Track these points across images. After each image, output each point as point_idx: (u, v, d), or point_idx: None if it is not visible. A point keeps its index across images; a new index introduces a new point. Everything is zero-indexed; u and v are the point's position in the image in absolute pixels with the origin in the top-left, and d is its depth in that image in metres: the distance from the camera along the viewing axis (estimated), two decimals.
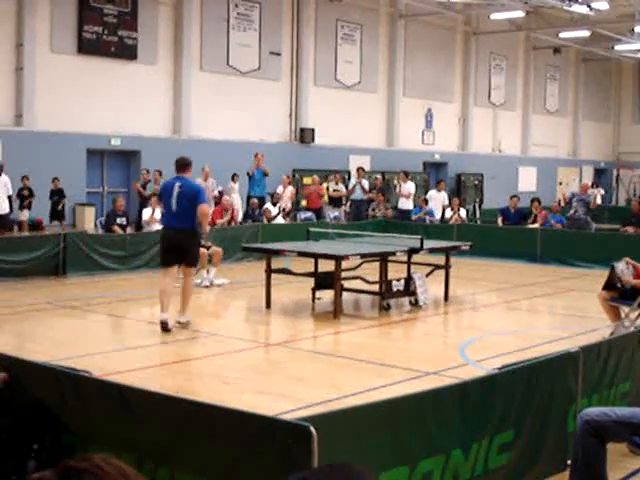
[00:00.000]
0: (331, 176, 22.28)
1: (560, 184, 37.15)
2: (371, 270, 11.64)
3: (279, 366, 8.04)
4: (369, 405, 4.04)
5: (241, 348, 8.91)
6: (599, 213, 24.54)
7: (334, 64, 27.55)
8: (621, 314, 9.06)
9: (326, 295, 11.14)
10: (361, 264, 11.71)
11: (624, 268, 8.75)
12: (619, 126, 41.41)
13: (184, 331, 9.49)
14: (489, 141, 34.15)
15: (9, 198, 17.24)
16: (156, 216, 15.93)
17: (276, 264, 11.62)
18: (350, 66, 28.06)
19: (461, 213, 20.70)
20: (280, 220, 19.08)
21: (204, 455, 3.82)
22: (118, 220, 15.58)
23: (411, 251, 11.32)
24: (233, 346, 8.89)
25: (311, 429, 3.40)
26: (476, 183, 32.17)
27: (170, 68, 23.33)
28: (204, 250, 12.36)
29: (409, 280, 11.24)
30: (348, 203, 21.46)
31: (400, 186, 21.17)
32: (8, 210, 17.11)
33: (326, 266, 10.90)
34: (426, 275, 11.64)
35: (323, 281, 11.02)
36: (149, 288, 12.48)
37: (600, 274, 10.60)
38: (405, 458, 3.95)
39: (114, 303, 11.56)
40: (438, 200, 21.15)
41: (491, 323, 10.88)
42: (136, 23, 22.21)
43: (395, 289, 11.12)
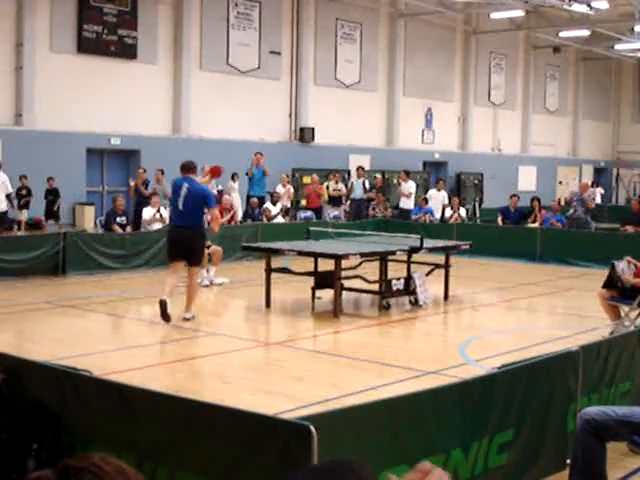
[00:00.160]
0: (331, 175, 22.27)
1: (560, 183, 37.13)
2: (371, 269, 11.64)
3: (279, 365, 8.03)
4: (369, 404, 4.04)
5: (241, 347, 8.91)
6: (599, 212, 24.54)
7: (334, 63, 27.54)
8: (621, 313, 9.06)
9: (326, 294, 11.13)
10: (361, 263, 11.72)
11: (624, 267, 8.75)
12: (619, 125, 41.39)
13: (184, 330, 9.50)
14: (489, 140, 34.13)
15: (8, 197, 17.23)
16: (157, 215, 15.94)
17: (276, 263, 11.62)
18: (350, 65, 28.05)
19: (461, 212, 20.70)
20: (280, 219, 19.09)
21: (204, 455, 3.82)
22: (118, 219, 15.59)
23: (411, 250, 11.32)
24: (233, 345, 8.89)
25: (311, 428, 3.40)
26: (476, 182, 32.16)
27: (170, 67, 23.33)
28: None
29: (409, 279, 11.24)
30: (348, 202, 21.47)
31: (401, 185, 21.19)
32: (6, 208, 17.10)
33: (326, 265, 10.90)
34: (426, 274, 11.65)
35: (323, 280, 11.02)
36: (149, 287, 12.48)
37: (600, 273, 10.60)
38: (405, 457, 3.95)
39: (114, 302, 11.56)
40: (438, 199, 21.16)
41: (491, 322, 10.88)
42: (136, 22, 22.21)
43: (395, 288, 11.12)
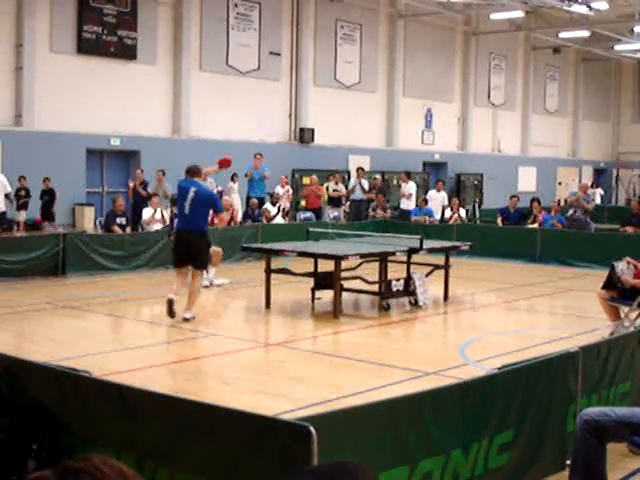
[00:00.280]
0: (331, 176, 22.27)
1: (560, 184, 37.14)
2: (371, 270, 11.64)
3: (279, 366, 8.03)
4: (369, 405, 4.04)
5: (241, 348, 8.91)
6: (599, 213, 24.53)
7: (334, 64, 27.55)
8: (620, 314, 9.06)
9: (326, 295, 11.13)
10: (361, 264, 11.71)
11: (624, 267, 8.75)
12: (619, 126, 41.41)
13: (184, 331, 9.50)
14: (489, 141, 34.15)
15: (7, 197, 17.20)
16: (156, 216, 15.94)
17: (276, 264, 11.61)
18: (350, 66, 28.06)
19: (461, 213, 20.70)
20: (279, 220, 19.08)
21: (204, 455, 3.82)
22: (118, 220, 15.59)
23: (411, 251, 11.32)
24: (233, 346, 8.88)
25: (311, 429, 3.39)
26: (476, 183, 32.18)
27: (170, 68, 23.34)
28: None
29: (409, 280, 11.24)
30: (348, 203, 21.46)
31: (401, 186, 21.19)
32: (5, 209, 17.07)
33: (326, 266, 10.90)
34: (426, 275, 11.64)
35: (323, 281, 11.02)
36: (149, 288, 12.48)
37: (600, 274, 10.59)
38: (405, 458, 3.95)
39: (114, 303, 11.56)
40: (438, 200, 21.14)
41: (491, 323, 10.88)
42: (136, 23, 22.22)
43: (395, 289, 11.12)
